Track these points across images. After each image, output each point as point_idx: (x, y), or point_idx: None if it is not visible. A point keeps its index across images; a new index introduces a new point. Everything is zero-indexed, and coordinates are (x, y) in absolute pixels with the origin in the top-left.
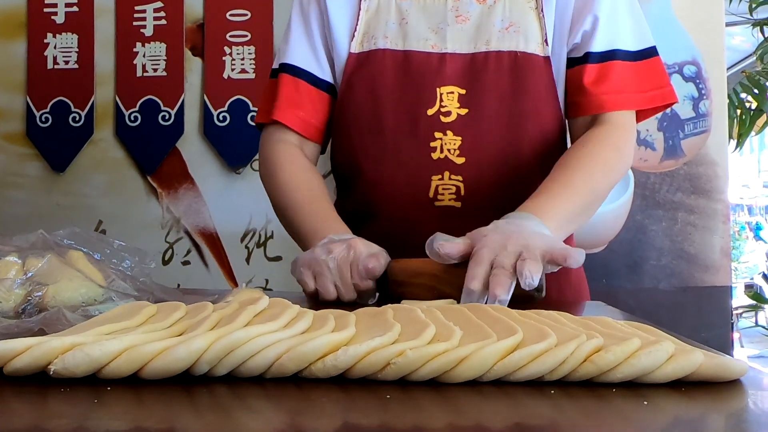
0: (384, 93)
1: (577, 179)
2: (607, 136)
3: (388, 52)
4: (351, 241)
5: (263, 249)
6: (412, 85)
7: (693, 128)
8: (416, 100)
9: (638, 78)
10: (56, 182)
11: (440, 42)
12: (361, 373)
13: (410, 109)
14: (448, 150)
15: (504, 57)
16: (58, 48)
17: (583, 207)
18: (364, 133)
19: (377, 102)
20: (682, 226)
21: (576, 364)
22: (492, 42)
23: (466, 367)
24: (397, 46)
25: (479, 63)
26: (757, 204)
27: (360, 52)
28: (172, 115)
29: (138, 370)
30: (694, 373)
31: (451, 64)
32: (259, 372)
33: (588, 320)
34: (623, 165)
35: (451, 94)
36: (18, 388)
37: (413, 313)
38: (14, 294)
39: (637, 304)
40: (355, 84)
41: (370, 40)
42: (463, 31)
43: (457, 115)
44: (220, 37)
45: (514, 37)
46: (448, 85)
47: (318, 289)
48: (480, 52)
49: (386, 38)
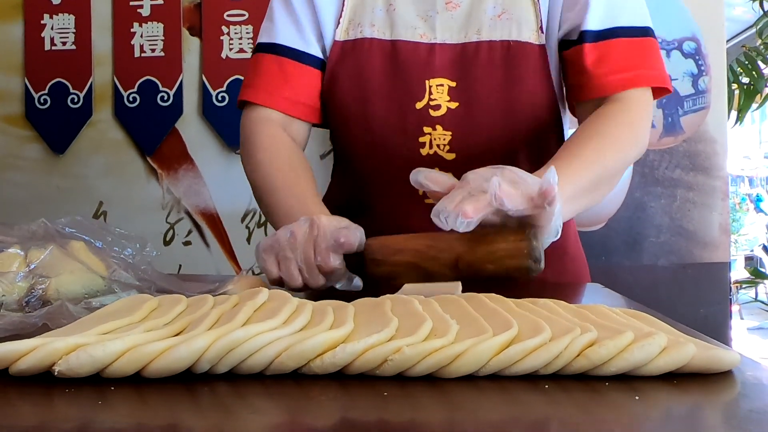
0: (371, 85)
1: (588, 154)
2: (619, 112)
3: (375, 41)
4: (314, 217)
5: (264, 229)
6: (400, 77)
7: (692, 105)
8: (404, 93)
9: (644, 55)
10: (56, 164)
11: (429, 31)
12: (359, 369)
13: (398, 102)
14: (437, 146)
15: (496, 47)
16: (55, 29)
17: (593, 182)
18: (351, 126)
19: (364, 94)
20: (681, 203)
21: (570, 359)
22: (483, 31)
23: (462, 363)
24: (385, 35)
25: (470, 54)
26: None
27: (345, 40)
28: (171, 96)
29: (140, 369)
30: (687, 365)
31: (440, 55)
32: (259, 369)
33: (583, 309)
34: (637, 142)
35: (440, 87)
36: (24, 388)
37: (411, 305)
38: (17, 287)
39: (636, 281)
40: (340, 75)
41: (356, 28)
42: (453, 18)
43: (447, 109)
44: (218, 16)
45: (507, 25)
46: (437, 78)
47: (281, 276)
48: (471, 42)
49: (373, 26)
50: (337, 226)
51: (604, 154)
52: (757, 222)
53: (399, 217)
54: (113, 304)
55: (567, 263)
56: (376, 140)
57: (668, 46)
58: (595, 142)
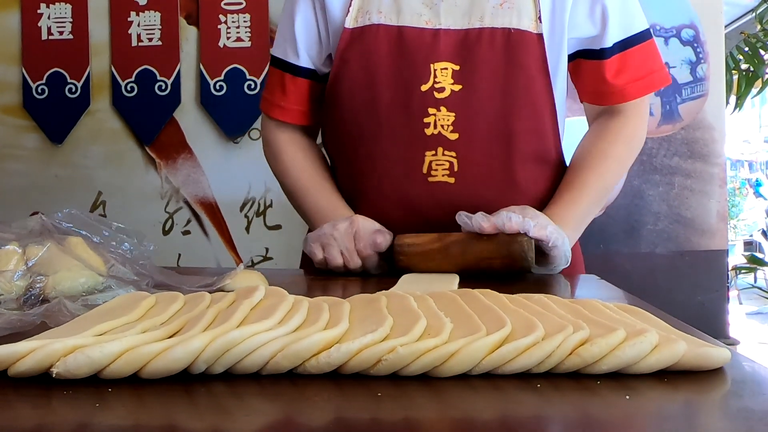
0: (378, 69)
1: (591, 180)
2: (622, 128)
3: (382, 27)
4: (353, 217)
5: (263, 218)
6: (406, 61)
7: (690, 93)
8: (410, 76)
9: (646, 60)
10: (54, 154)
11: (434, 17)
12: (354, 369)
13: (404, 84)
14: (441, 126)
15: (497, 33)
16: (52, 18)
17: (596, 204)
18: (359, 108)
19: (372, 78)
20: (679, 190)
21: (562, 357)
22: (486, 18)
23: (456, 362)
24: (391, 21)
25: (473, 39)
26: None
27: (354, 27)
28: (169, 85)
29: (138, 370)
30: (678, 363)
31: (444, 40)
32: (255, 369)
33: (577, 304)
34: (633, 155)
35: (444, 70)
36: (22, 390)
37: (406, 301)
38: (15, 285)
39: (634, 268)
40: (350, 59)
41: (365, 15)
42: (457, 6)
43: (451, 91)
44: (215, 5)
45: (508, 14)
46: (441, 61)
47: (326, 257)
48: (474, 28)
49: (380, 13)
50: (372, 228)
51: (606, 176)
52: (756, 207)
53: (401, 198)
54: (110, 302)
55: None
56: (382, 121)
57: (666, 33)
58: (598, 165)
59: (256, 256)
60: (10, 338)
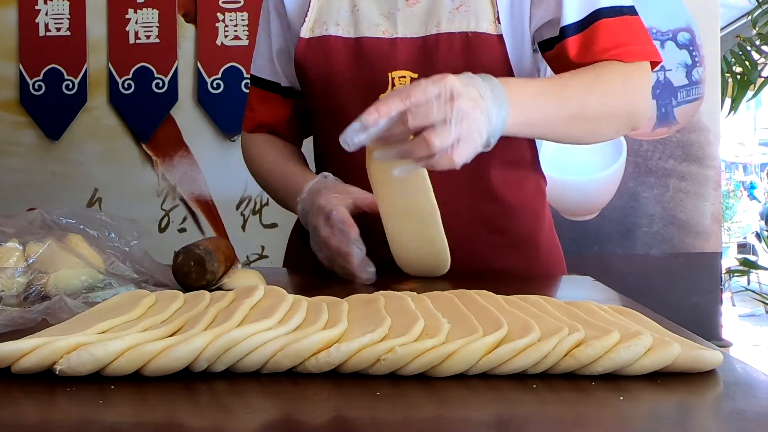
0: (337, 79)
1: (573, 85)
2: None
3: (339, 39)
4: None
5: (259, 216)
6: (364, 71)
7: (686, 96)
8: (369, 86)
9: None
10: (51, 150)
11: (391, 27)
12: (353, 368)
13: (364, 94)
14: None
15: (455, 38)
16: (50, 14)
17: (565, 116)
18: (322, 118)
19: (331, 85)
20: (674, 192)
21: (558, 359)
22: (442, 23)
23: (453, 362)
24: (349, 33)
25: (430, 46)
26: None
27: (311, 37)
28: (166, 83)
29: (140, 368)
30: (671, 365)
31: (402, 48)
32: (255, 368)
33: (572, 306)
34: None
35: (402, 78)
36: (26, 386)
37: (404, 302)
38: (16, 282)
39: (628, 269)
40: (308, 68)
41: (322, 26)
42: (414, 14)
43: None
44: (213, 3)
45: (465, 17)
46: (399, 70)
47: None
48: (431, 34)
49: (338, 26)
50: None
51: (590, 94)
52: (750, 209)
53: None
54: (110, 300)
55: (538, 258)
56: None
57: (662, 36)
58: (585, 79)
59: (252, 254)
60: (11, 335)
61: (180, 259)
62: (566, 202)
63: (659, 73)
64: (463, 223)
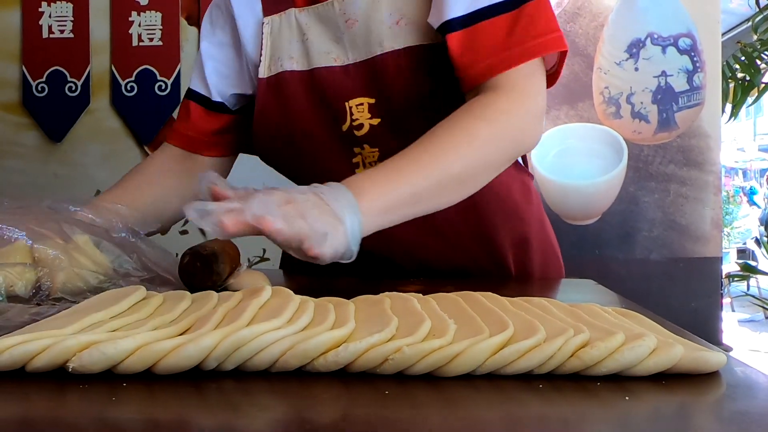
0: (297, 117)
1: (426, 158)
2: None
3: (295, 74)
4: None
5: None
6: (322, 104)
7: (687, 101)
8: (329, 118)
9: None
10: (53, 152)
11: (341, 53)
12: (361, 367)
13: (326, 128)
14: (369, 163)
15: (401, 55)
16: (53, 17)
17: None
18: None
19: (292, 129)
20: (674, 197)
21: (563, 359)
22: (385, 42)
23: (460, 363)
24: (303, 65)
25: (379, 67)
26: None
27: (269, 76)
28: (169, 85)
29: (151, 366)
30: (675, 366)
31: (354, 74)
32: (264, 367)
33: (576, 308)
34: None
35: (360, 106)
36: (40, 384)
37: (410, 303)
38: (25, 279)
39: (628, 274)
40: (268, 111)
41: (277, 63)
42: (356, 35)
43: (369, 126)
44: None
45: (407, 30)
46: (356, 98)
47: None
48: (377, 55)
49: (291, 59)
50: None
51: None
52: (750, 214)
53: None
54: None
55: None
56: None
57: (664, 42)
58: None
59: (253, 256)
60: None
61: (186, 260)
62: (567, 207)
63: (660, 78)
64: (453, 228)
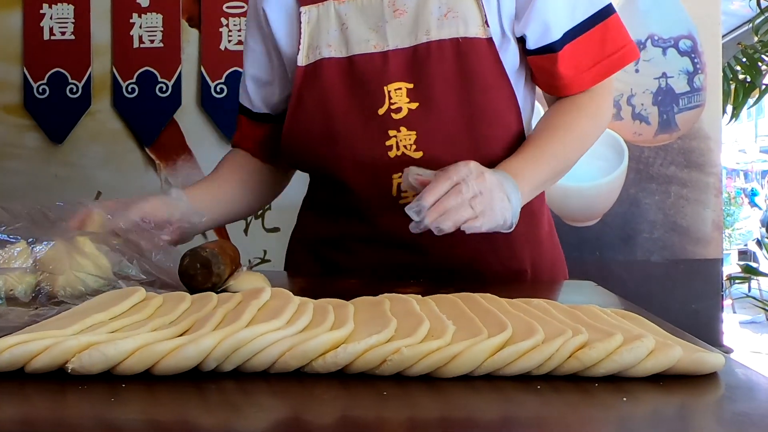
0: (334, 103)
1: (554, 147)
2: (586, 104)
3: (333, 60)
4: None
5: (261, 220)
6: (359, 89)
7: (687, 103)
8: (366, 102)
9: (605, 42)
10: (54, 153)
11: (381, 40)
12: (360, 368)
13: (361, 111)
14: (404, 146)
15: (446, 45)
16: (54, 19)
17: (555, 173)
18: (318, 143)
19: (328, 112)
20: (675, 199)
21: (561, 360)
22: (432, 31)
23: (458, 364)
24: (342, 53)
25: (422, 54)
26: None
27: (307, 64)
28: (170, 87)
29: (150, 367)
30: (673, 368)
31: (394, 60)
32: (263, 368)
33: (575, 309)
34: (599, 131)
35: (399, 90)
36: (40, 385)
37: (409, 304)
38: (26, 282)
39: (629, 276)
40: (306, 98)
41: (315, 51)
42: (402, 24)
43: (408, 110)
44: (217, 7)
45: (454, 23)
46: (394, 82)
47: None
48: (421, 43)
49: (330, 47)
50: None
51: (568, 147)
52: (751, 216)
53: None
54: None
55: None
56: (344, 151)
57: (664, 44)
58: (561, 135)
59: (254, 258)
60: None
61: (186, 262)
62: (568, 208)
63: (661, 80)
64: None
